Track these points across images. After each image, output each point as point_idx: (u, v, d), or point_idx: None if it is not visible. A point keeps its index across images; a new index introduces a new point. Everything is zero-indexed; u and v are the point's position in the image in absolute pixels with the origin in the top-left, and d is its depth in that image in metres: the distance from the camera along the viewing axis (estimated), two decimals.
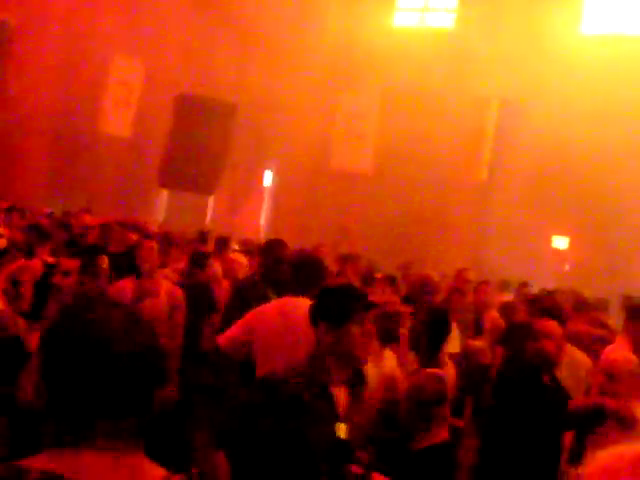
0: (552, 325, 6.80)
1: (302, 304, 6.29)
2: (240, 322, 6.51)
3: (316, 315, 4.44)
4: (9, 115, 22.35)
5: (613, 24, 23.38)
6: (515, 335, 7.27)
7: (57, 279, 6.67)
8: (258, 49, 23.71)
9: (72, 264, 6.90)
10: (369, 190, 23.44)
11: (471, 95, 21.16)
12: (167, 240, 10.82)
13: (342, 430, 4.18)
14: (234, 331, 6.48)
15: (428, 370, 6.12)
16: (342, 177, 23.11)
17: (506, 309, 9.98)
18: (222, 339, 6.50)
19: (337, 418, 4.22)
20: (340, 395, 4.34)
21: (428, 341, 6.73)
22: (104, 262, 7.48)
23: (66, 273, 6.72)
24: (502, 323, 9.46)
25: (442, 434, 5.50)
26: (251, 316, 6.46)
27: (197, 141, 21.75)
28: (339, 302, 4.39)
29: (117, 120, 21.45)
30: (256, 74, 23.20)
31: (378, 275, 11.45)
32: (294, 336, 6.01)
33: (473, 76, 21.64)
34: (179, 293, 8.44)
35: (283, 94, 23.19)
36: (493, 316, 9.91)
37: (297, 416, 3.27)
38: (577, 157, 21.23)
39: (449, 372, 6.60)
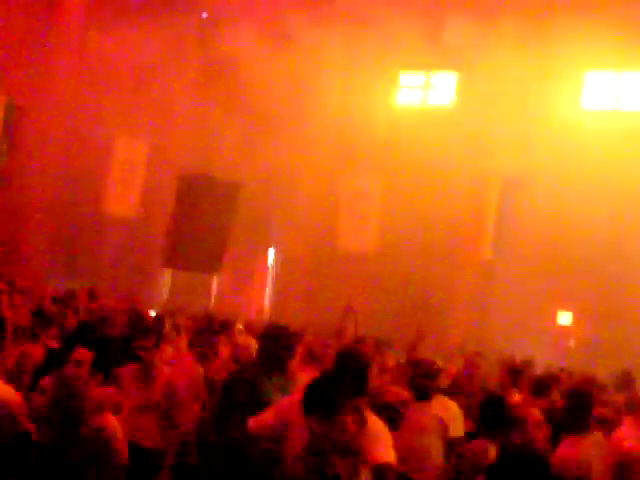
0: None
1: None
2: (273, 409, 6.31)
3: (306, 407, 4.31)
4: (14, 195, 22.47)
5: (612, 100, 23.62)
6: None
7: (69, 369, 6.61)
8: (262, 129, 23.87)
9: (86, 355, 6.86)
10: (373, 270, 23.41)
11: (473, 173, 21.24)
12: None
13: None
14: (266, 417, 6.28)
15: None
16: (346, 256, 23.08)
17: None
18: (253, 422, 6.34)
19: None
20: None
21: None
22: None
23: (79, 363, 6.67)
24: None
25: None
26: (284, 404, 6.21)
27: (201, 220, 21.76)
28: (328, 393, 4.25)
29: (121, 200, 21.51)
30: (259, 154, 23.33)
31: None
32: None
33: (475, 154, 21.76)
34: (174, 381, 8.43)
35: (286, 174, 23.33)
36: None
37: None
38: (580, 232, 21.29)
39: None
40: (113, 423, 5.84)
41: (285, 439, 6.12)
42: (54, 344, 9.33)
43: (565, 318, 24.12)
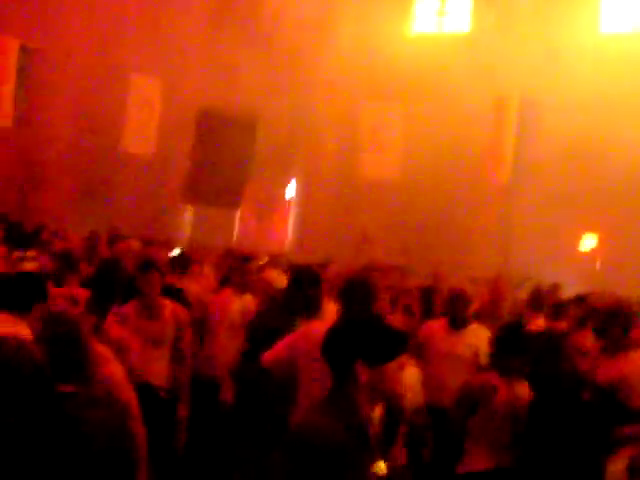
0: (586, 338, 6.64)
1: None
2: (286, 342, 6.25)
3: (352, 351, 4.17)
4: (34, 138, 22.43)
5: (631, 22, 23.24)
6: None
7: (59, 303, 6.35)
8: (279, 61, 23.62)
9: (82, 293, 6.66)
10: (395, 198, 23.32)
11: (491, 97, 20.95)
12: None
13: (381, 468, 4.04)
14: (280, 351, 6.24)
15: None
16: (367, 186, 22.98)
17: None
18: (267, 356, 6.28)
19: (373, 455, 4.06)
20: (374, 431, 4.19)
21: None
22: None
23: (75, 302, 6.43)
24: None
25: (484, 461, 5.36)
26: (297, 337, 6.19)
27: (220, 155, 21.64)
28: (381, 344, 4.10)
29: (139, 139, 21.40)
30: (278, 86, 23.13)
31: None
32: None
33: (492, 78, 21.49)
34: (185, 314, 8.38)
35: (305, 105, 23.15)
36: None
37: None
38: (601, 153, 21.03)
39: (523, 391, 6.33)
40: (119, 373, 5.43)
41: (299, 372, 6.06)
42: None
43: (590, 241, 23.95)
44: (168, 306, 8.19)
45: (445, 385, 7.79)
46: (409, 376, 6.91)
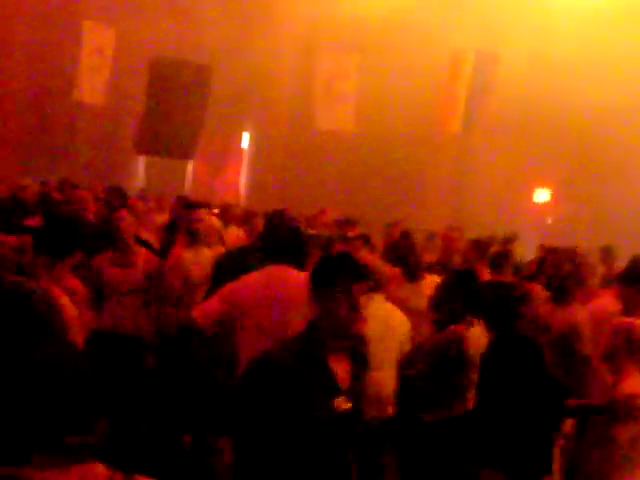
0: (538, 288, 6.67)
1: (294, 275, 5.98)
2: (220, 293, 6.00)
3: (309, 283, 4.30)
4: None
5: None
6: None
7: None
8: (235, 10, 23.33)
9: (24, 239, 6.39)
10: (349, 150, 23.26)
11: (447, 49, 20.84)
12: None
13: (342, 403, 4.09)
14: (213, 304, 5.99)
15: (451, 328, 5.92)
16: (322, 139, 22.86)
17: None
18: (198, 312, 6.06)
19: (336, 391, 4.11)
20: (339, 368, 4.19)
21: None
22: None
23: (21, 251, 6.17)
24: None
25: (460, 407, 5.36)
26: (233, 287, 5.95)
27: (173, 105, 21.36)
28: (326, 270, 4.23)
29: (91, 88, 21.06)
30: (233, 35, 22.86)
31: (351, 233, 11.08)
32: (282, 310, 5.68)
33: (449, 31, 21.39)
34: (156, 262, 8.34)
35: (260, 55, 22.93)
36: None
37: None
38: (556, 109, 21.08)
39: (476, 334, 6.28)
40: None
41: (236, 325, 5.93)
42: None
43: (543, 195, 24.13)
44: (142, 254, 8.19)
45: None
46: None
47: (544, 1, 22.44)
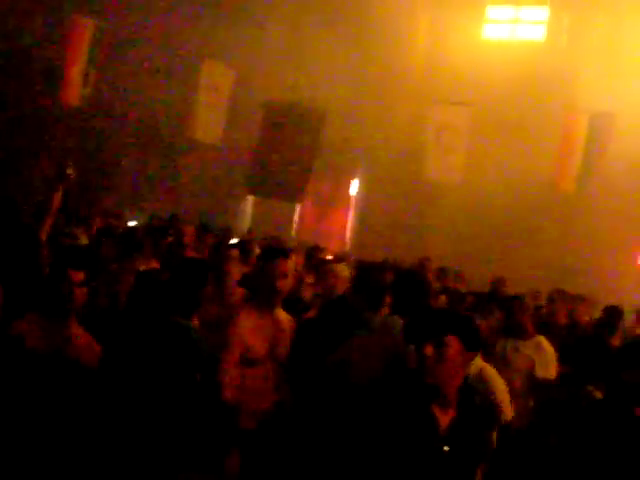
0: None
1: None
2: None
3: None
4: (102, 123, 22.53)
5: None
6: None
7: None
8: (350, 59, 23.54)
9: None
10: (456, 204, 23.15)
11: (562, 107, 20.68)
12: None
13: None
14: None
15: None
16: (427, 189, 22.81)
17: None
18: None
19: (438, 441, 4.14)
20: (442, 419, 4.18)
21: None
22: None
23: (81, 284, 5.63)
24: None
25: None
26: None
27: (285, 148, 21.62)
28: None
29: (207, 126, 21.40)
30: (347, 83, 23.05)
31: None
32: None
33: (564, 88, 21.24)
34: None
35: (373, 104, 23.05)
36: None
37: None
38: None
39: None
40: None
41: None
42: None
43: None
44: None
45: None
46: None
47: None
